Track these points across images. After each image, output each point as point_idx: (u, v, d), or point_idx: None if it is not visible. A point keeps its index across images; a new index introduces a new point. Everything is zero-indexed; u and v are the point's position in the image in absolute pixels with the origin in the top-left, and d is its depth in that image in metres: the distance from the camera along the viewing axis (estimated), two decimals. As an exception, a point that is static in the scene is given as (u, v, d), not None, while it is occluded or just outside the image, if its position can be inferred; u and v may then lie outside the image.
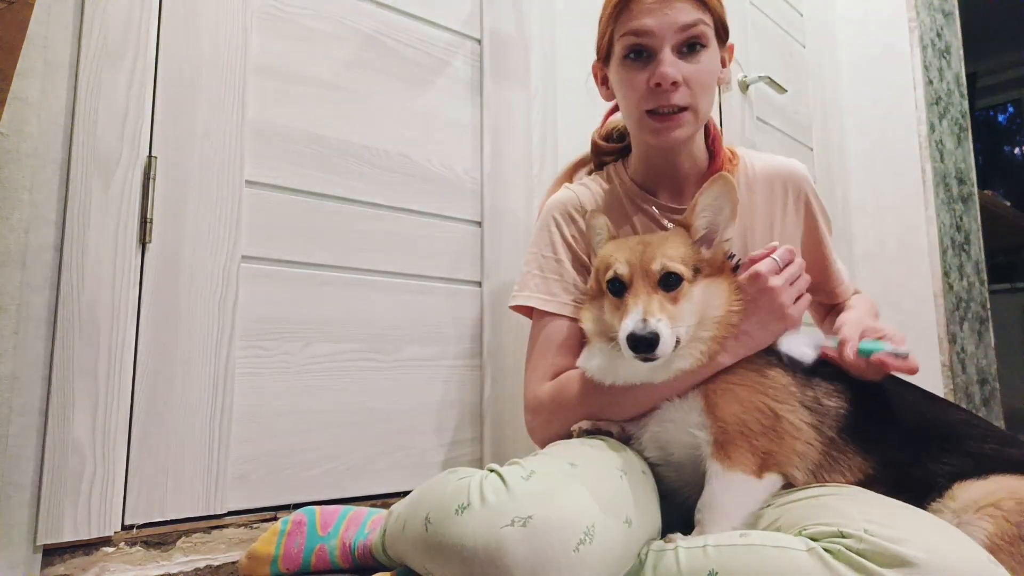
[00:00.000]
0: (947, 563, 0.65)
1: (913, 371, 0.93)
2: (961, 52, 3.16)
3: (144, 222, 1.03)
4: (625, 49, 1.07)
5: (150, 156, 1.04)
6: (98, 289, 0.98)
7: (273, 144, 1.18)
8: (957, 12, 3.14)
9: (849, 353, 0.94)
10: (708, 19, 1.05)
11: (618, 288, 0.95)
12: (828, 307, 1.30)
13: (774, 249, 0.98)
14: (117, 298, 0.99)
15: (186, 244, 1.07)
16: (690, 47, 1.05)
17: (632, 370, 0.95)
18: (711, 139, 1.18)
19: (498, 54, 1.54)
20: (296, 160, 1.21)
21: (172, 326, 1.04)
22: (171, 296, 1.04)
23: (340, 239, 1.25)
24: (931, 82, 2.75)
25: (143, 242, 1.03)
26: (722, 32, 1.09)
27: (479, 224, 1.47)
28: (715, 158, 1.17)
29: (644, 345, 0.86)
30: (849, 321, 1.03)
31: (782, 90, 2.31)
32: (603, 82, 1.17)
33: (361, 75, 1.32)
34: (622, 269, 0.94)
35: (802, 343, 0.97)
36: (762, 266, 0.95)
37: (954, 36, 3.11)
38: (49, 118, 0.96)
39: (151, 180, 1.03)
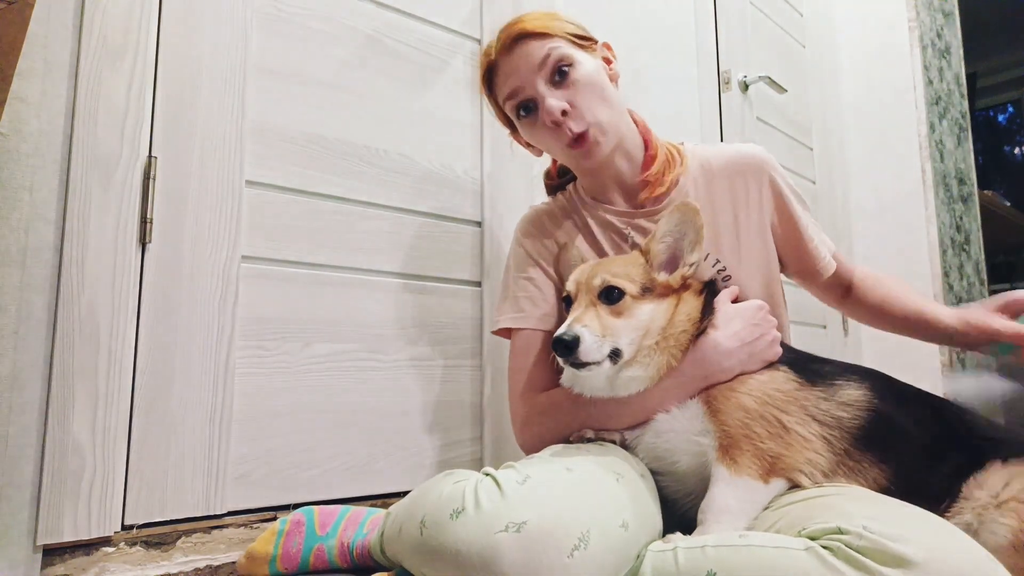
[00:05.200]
0: (947, 563, 0.65)
1: None
2: (961, 52, 3.16)
3: (144, 222, 1.03)
4: (514, 111, 1.12)
5: (150, 156, 1.04)
6: (98, 289, 0.98)
7: (273, 144, 1.18)
8: (957, 12, 3.14)
9: None
10: (557, 41, 1.08)
11: (569, 304, 1.01)
12: (840, 288, 1.28)
13: (736, 293, 1.04)
14: (117, 298, 0.99)
15: (186, 244, 1.07)
16: (559, 74, 1.08)
17: (592, 382, 0.97)
18: (640, 129, 1.19)
19: (498, 54, 1.54)
20: (296, 160, 1.21)
21: (172, 326, 1.04)
22: (171, 296, 1.05)
23: (340, 239, 1.25)
24: (931, 82, 2.75)
25: (143, 242, 1.03)
26: (580, 40, 1.12)
27: (479, 224, 1.47)
28: (647, 148, 1.17)
29: (562, 347, 0.90)
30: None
31: (782, 90, 2.31)
32: (527, 145, 1.21)
33: (361, 75, 1.32)
34: (570, 286, 1.02)
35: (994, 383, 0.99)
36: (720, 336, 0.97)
37: (954, 36, 3.11)
38: (49, 118, 0.96)
39: (151, 180, 1.03)
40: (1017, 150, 5.55)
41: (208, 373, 1.07)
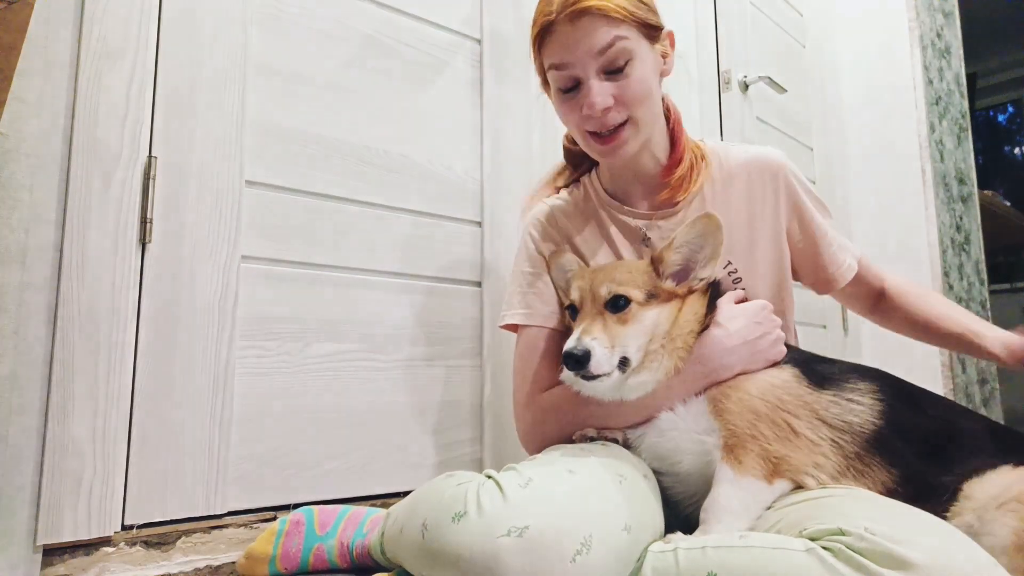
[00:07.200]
0: (949, 566, 0.65)
1: None
2: (961, 52, 3.16)
3: (144, 222, 1.03)
4: (555, 81, 1.05)
5: (150, 156, 1.04)
6: (98, 289, 0.97)
7: (273, 144, 1.18)
8: (957, 12, 3.14)
9: None
10: (627, 30, 1.00)
11: (574, 313, 1.00)
12: (870, 297, 1.26)
13: (743, 297, 1.03)
14: (117, 298, 0.99)
15: (186, 244, 1.07)
16: (615, 67, 1.01)
17: (598, 390, 0.96)
18: (672, 123, 1.15)
19: (498, 54, 1.54)
20: (296, 160, 1.21)
21: (172, 326, 1.04)
22: (171, 296, 1.04)
23: (340, 239, 1.25)
24: (931, 82, 2.75)
25: (143, 242, 1.03)
26: (650, 31, 1.04)
27: (479, 224, 1.46)
28: (675, 146, 1.14)
29: (573, 361, 0.90)
30: None
31: (782, 90, 2.31)
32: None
33: (361, 75, 1.32)
34: (575, 295, 1.01)
35: None
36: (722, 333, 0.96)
37: (954, 36, 3.11)
38: (49, 118, 0.96)
39: (151, 180, 1.03)
40: (1017, 150, 5.55)
41: (208, 373, 1.07)
